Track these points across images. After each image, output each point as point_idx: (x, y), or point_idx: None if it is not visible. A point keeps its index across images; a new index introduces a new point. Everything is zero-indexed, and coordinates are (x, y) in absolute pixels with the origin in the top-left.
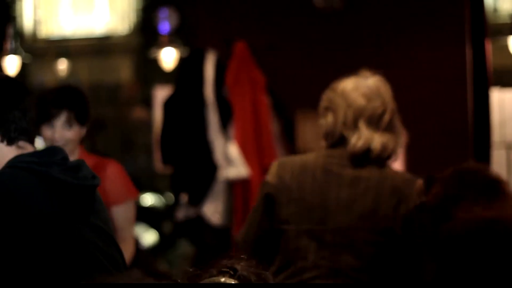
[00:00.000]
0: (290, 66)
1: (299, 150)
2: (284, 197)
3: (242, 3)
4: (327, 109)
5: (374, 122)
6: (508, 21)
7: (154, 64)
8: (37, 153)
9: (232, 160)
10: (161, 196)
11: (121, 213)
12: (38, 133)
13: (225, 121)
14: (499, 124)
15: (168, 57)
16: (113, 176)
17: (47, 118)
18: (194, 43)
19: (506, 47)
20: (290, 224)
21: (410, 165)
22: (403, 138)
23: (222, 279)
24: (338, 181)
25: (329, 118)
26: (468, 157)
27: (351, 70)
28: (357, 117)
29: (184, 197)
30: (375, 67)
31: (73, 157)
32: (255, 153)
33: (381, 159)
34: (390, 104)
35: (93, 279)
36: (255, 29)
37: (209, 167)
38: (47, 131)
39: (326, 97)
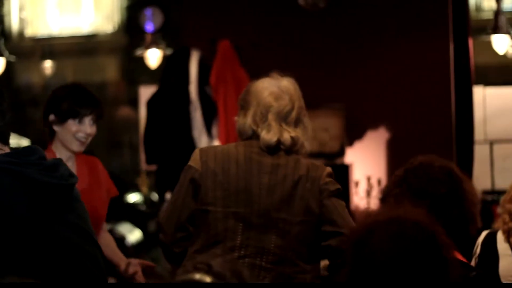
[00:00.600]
0: (274, 64)
1: None
2: (209, 181)
3: (227, 2)
4: (242, 107)
5: (283, 118)
6: (491, 19)
7: (140, 63)
8: (13, 154)
9: None
10: (145, 195)
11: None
12: (49, 128)
13: (209, 119)
14: (482, 121)
15: (153, 56)
16: (103, 172)
17: (78, 115)
18: (179, 42)
19: (489, 44)
20: (217, 206)
21: (393, 160)
22: (310, 132)
23: (197, 276)
24: (259, 168)
25: (242, 115)
26: (451, 153)
27: (335, 67)
28: (266, 114)
29: (168, 195)
30: (359, 65)
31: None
32: None
33: (292, 151)
34: (298, 102)
35: None
36: (239, 28)
37: None
38: (74, 126)
39: (241, 96)
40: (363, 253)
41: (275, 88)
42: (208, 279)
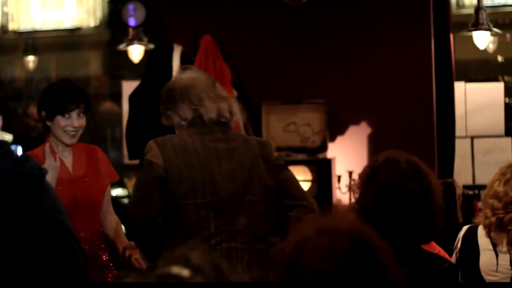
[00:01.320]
0: (256, 59)
1: None
2: (175, 176)
3: None
4: (170, 108)
5: (211, 91)
6: (472, 15)
7: (123, 57)
8: None
9: None
10: (128, 189)
11: (108, 191)
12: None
13: None
14: (463, 116)
15: (136, 51)
16: (102, 159)
17: (64, 110)
18: (161, 37)
19: (470, 40)
20: (188, 199)
21: (375, 155)
22: (236, 103)
23: (175, 269)
24: (216, 155)
25: (174, 111)
26: (433, 148)
27: (317, 62)
28: (197, 94)
29: None
30: (341, 60)
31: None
32: None
33: (231, 122)
34: (213, 78)
35: None
36: (222, 23)
37: None
38: (62, 121)
39: (164, 100)
40: (295, 274)
41: (190, 74)
42: (186, 272)
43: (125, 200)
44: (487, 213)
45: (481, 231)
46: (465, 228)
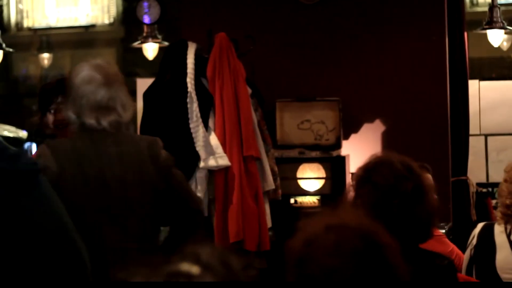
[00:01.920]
0: (270, 57)
1: (279, 140)
2: (69, 182)
3: None
4: (67, 97)
5: (98, 101)
6: (486, 12)
7: (137, 54)
8: None
9: (213, 150)
10: None
11: None
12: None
13: (206, 111)
14: (477, 114)
15: (150, 48)
16: None
17: (43, 110)
18: (176, 34)
19: (484, 38)
20: (82, 204)
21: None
22: (130, 103)
23: (185, 266)
24: (109, 160)
25: (66, 104)
26: (446, 146)
27: (331, 60)
28: (82, 100)
29: None
30: (355, 58)
31: None
32: (236, 143)
33: (116, 129)
34: (113, 79)
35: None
36: (236, 21)
37: (190, 157)
38: (50, 117)
39: (66, 87)
40: (305, 270)
41: (89, 71)
42: (195, 269)
43: None
44: None
45: (497, 229)
46: (480, 225)
